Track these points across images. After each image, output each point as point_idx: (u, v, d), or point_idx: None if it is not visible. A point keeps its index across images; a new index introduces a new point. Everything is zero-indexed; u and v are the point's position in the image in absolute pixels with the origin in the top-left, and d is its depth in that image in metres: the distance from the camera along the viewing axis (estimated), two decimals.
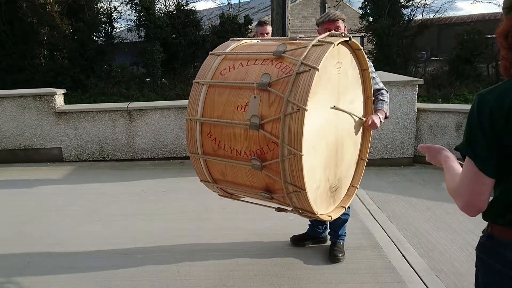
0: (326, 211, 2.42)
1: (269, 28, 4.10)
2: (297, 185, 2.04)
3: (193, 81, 2.31)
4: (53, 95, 6.12)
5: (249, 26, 14.45)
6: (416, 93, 5.70)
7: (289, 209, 2.35)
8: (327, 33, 2.27)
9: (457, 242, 3.46)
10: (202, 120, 2.22)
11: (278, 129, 1.98)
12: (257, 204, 2.58)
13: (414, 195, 4.63)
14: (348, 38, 2.22)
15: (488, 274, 1.34)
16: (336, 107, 2.27)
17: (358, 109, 2.61)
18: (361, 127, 2.69)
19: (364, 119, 2.66)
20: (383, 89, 2.93)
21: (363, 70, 2.54)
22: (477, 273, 1.40)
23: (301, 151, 1.93)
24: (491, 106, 1.19)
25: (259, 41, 2.53)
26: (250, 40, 2.52)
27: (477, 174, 1.24)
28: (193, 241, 3.48)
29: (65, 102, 6.58)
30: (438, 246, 3.40)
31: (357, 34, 15.67)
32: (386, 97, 2.90)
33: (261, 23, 4.12)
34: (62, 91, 6.44)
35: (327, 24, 2.88)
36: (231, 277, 2.93)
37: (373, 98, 2.72)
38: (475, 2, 33.54)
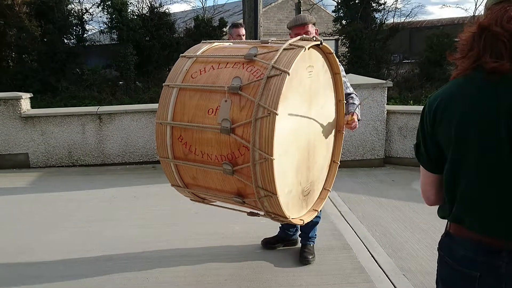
0: (298, 214, 2.42)
1: (243, 30, 4.12)
2: (269, 190, 2.03)
3: (163, 84, 2.27)
4: (18, 99, 5.92)
5: (224, 29, 14.42)
6: (386, 95, 5.81)
7: (262, 213, 2.34)
8: (299, 37, 2.26)
9: (424, 241, 3.54)
10: (173, 124, 2.18)
11: (249, 133, 1.96)
12: (229, 208, 2.56)
13: (384, 195, 4.72)
14: (319, 42, 2.22)
15: (443, 269, 1.39)
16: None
17: (330, 112, 2.62)
18: (333, 130, 2.70)
19: (349, 118, 2.71)
20: (353, 93, 2.98)
21: (334, 74, 2.56)
22: (437, 268, 1.45)
23: (272, 156, 1.91)
24: (429, 105, 1.30)
25: (231, 43, 2.51)
26: (222, 43, 2.48)
27: (423, 169, 1.40)
28: (163, 247, 3.43)
29: (35, 106, 6.39)
30: (406, 246, 3.47)
31: (331, 37, 15.88)
32: (356, 100, 2.96)
33: (236, 25, 4.13)
34: (29, 95, 6.25)
35: (296, 29, 2.90)
36: (201, 282, 2.90)
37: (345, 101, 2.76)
38: (443, 6, 34.79)
